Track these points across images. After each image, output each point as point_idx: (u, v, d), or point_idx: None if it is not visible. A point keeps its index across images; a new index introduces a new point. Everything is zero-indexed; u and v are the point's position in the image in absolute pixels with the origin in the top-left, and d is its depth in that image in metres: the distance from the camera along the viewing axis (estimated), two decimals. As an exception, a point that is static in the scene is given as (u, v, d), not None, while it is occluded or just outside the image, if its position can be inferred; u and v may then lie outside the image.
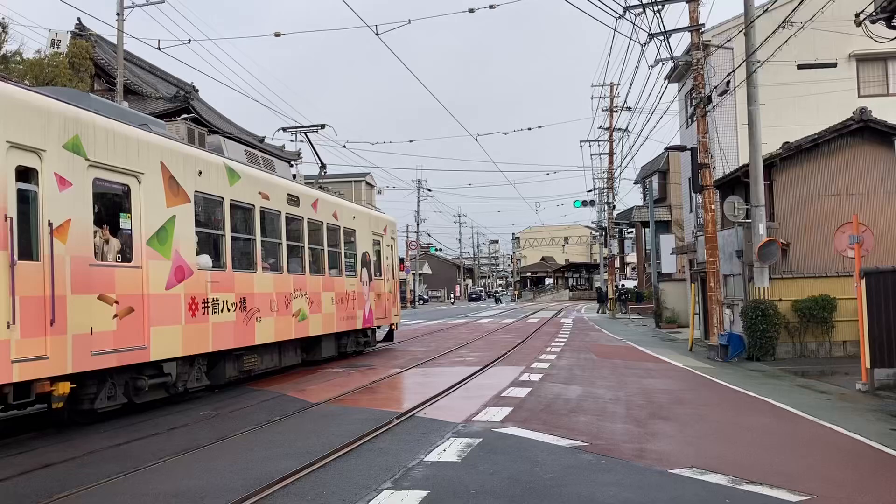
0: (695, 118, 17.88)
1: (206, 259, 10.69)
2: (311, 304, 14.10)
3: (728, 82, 17.88)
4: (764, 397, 10.61)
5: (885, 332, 11.48)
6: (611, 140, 42.71)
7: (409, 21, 17.32)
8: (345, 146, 42.75)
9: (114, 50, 32.27)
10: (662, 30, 17.40)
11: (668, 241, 32.80)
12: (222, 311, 10.89)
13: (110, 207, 8.96)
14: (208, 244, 10.94)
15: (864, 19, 10.97)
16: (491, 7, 17.79)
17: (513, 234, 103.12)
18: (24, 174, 7.51)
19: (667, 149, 25.35)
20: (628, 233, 50.90)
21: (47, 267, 7.60)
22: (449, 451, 6.81)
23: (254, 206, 12.17)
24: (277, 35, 20.93)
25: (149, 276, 9.24)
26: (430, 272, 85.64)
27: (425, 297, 75.91)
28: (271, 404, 10.10)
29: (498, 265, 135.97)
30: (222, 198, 11.21)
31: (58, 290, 7.68)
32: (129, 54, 36.90)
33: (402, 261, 47.06)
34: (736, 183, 18.04)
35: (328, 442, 7.26)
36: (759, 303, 15.82)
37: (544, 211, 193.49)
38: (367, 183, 71.00)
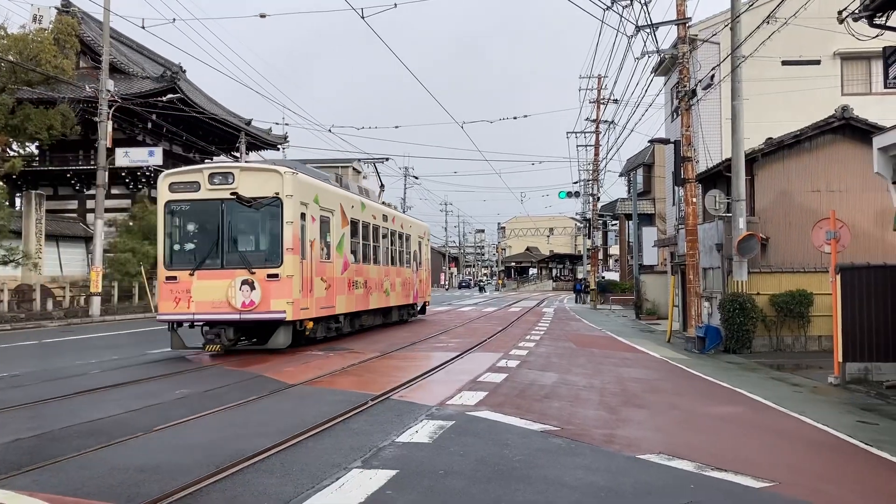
0: (679, 112, 17.95)
1: (352, 257, 17.36)
2: (391, 285, 21.06)
3: (713, 76, 17.96)
4: (737, 388, 10.73)
5: (857, 328, 11.64)
6: (597, 132, 42.79)
7: (395, 5, 17.25)
8: (330, 130, 42.63)
9: (100, 27, 31.95)
10: (649, 22, 17.45)
11: (650, 234, 33.02)
12: (358, 288, 17.76)
13: (323, 230, 15.39)
14: (353, 247, 17.55)
15: (847, 17, 11.04)
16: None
17: (498, 223, 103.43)
18: (300, 216, 13.97)
19: (651, 141, 25.44)
20: (612, 225, 51.15)
21: (308, 263, 14.23)
22: (421, 432, 6.85)
23: (370, 223, 18.98)
24: (263, 16, 20.80)
25: (335, 267, 15.98)
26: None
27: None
28: (248, 384, 10.10)
29: (483, 254, 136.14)
30: (359, 220, 18.00)
31: (312, 275, 14.39)
32: (115, 32, 36.55)
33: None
34: (718, 177, 18.16)
35: (301, 422, 7.28)
36: (738, 296, 15.96)
37: (530, 201, 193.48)
38: (354, 169, 70.62)
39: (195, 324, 13.92)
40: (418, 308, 26.12)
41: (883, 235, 16.22)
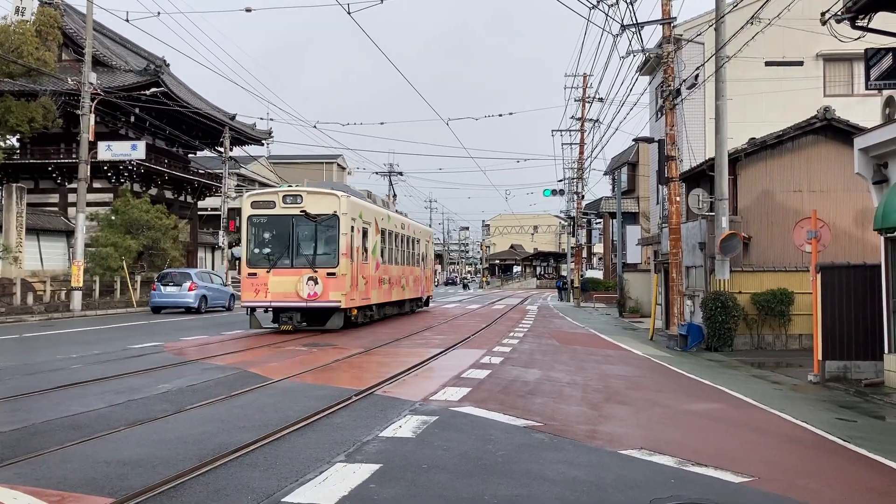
0: (663, 111, 18.05)
1: (381, 259, 21.10)
2: (406, 282, 25.03)
3: (697, 76, 18.08)
4: (718, 386, 10.83)
5: (837, 326, 11.78)
6: (582, 130, 42.93)
7: (381, 0, 17.21)
8: (315, 126, 42.50)
9: (83, 19, 31.64)
10: (635, 22, 17.51)
11: (634, 232, 33.18)
12: (385, 284, 21.72)
13: (364, 238, 19.04)
14: (382, 251, 21.30)
15: (830, 18, 11.16)
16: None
17: (483, 221, 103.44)
18: (351, 228, 17.68)
19: (635, 140, 25.59)
20: (596, 223, 51.31)
21: (355, 264, 18.01)
22: (405, 427, 6.87)
23: (393, 231, 23.02)
24: (248, 10, 20.68)
25: (371, 267, 19.69)
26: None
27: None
28: (231, 379, 10.08)
29: (468, 252, 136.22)
30: (386, 229, 21.86)
31: (357, 273, 18.15)
32: (99, 25, 36.20)
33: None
34: (701, 176, 18.28)
35: (285, 417, 7.28)
36: (720, 294, 16.08)
37: (514, 199, 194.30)
38: (339, 165, 70.35)
39: (268, 309, 18.29)
40: (424, 301, 30.12)
41: (863, 235, 16.40)
